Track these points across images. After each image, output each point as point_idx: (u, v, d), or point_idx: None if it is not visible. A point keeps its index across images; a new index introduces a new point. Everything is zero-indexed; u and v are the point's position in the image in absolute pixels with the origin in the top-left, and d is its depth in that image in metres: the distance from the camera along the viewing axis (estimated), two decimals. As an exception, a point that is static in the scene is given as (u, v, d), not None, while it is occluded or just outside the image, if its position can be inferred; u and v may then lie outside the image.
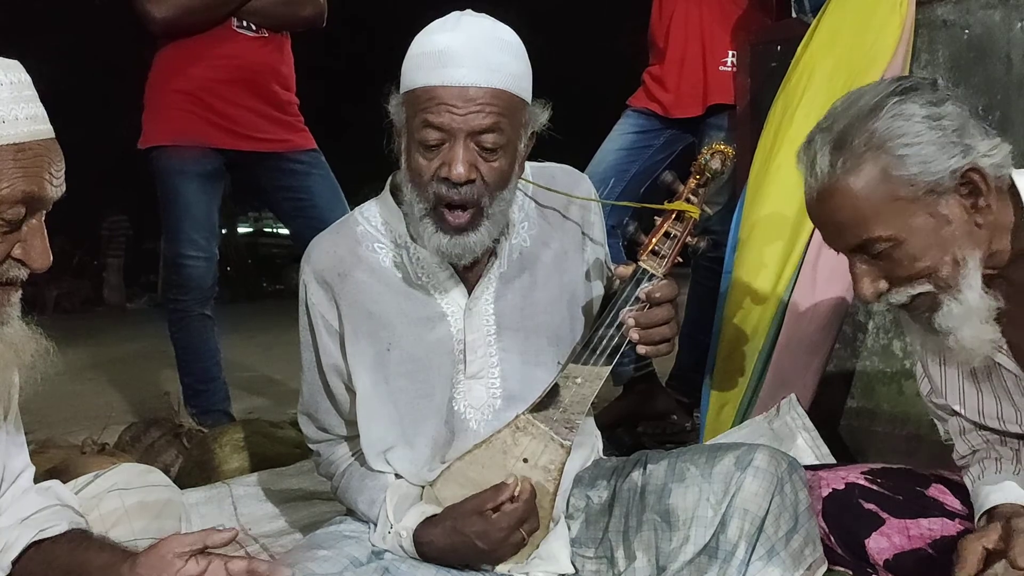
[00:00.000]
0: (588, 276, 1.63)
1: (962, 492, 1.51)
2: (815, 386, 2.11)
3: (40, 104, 1.19)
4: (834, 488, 1.59)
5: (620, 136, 2.93)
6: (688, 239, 1.52)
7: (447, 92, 1.39)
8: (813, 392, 2.11)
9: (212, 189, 3.02)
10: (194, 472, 2.53)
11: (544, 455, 1.50)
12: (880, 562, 1.53)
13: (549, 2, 10.82)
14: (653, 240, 1.51)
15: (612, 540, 1.53)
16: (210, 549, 1.26)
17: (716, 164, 1.51)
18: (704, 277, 2.82)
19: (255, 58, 2.97)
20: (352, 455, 1.67)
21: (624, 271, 1.51)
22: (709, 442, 2.02)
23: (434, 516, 1.50)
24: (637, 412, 3.02)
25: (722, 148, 1.53)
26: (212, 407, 3.03)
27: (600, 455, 1.71)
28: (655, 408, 3.04)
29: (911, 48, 2.15)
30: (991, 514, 1.37)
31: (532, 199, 1.62)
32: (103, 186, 11.01)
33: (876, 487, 1.58)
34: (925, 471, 1.63)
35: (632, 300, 1.48)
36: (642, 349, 1.48)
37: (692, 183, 1.53)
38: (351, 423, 1.63)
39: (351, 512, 1.65)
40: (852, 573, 1.58)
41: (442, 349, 1.55)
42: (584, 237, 1.63)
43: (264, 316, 8.35)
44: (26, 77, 1.18)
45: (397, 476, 1.58)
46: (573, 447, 1.52)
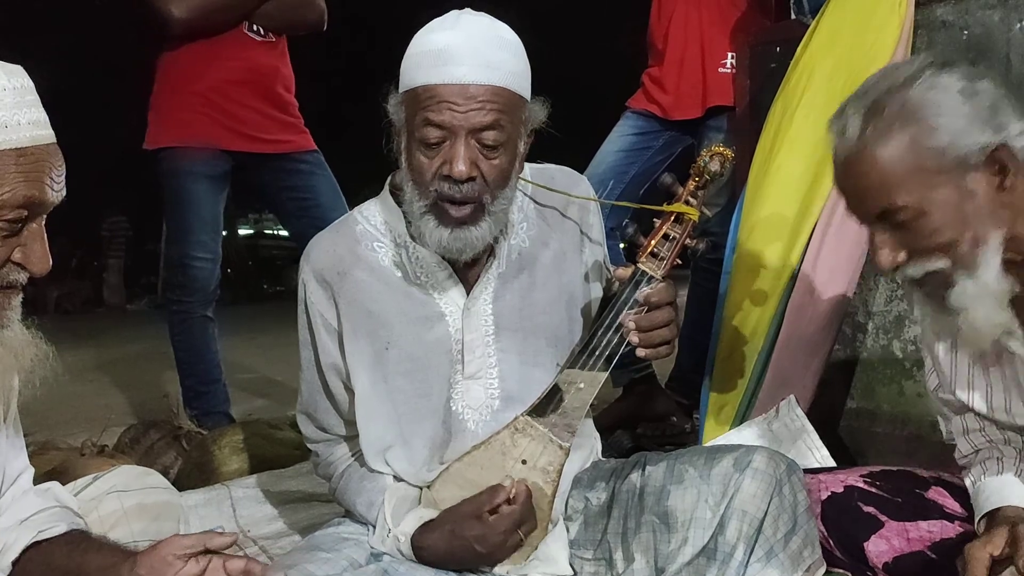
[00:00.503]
0: (587, 277, 1.63)
1: (962, 494, 1.50)
2: (814, 387, 2.10)
3: (42, 109, 1.19)
4: (833, 491, 1.59)
5: (619, 138, 2.93)
6: (687, 241, 1.52)
7: (447, 90, 1.39)
8: (812, 393, 2.10)
9: (219, 191, 3.03)
10: (193, 474, 2.53)
11: (543, 457, 1.50)
12: (879, 565, 1.52)
13: (548, 2, 10.82)
14: (652, 242, 1.51)
15: (611, 542, 1.53)
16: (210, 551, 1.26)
17: (715, 166, 1.51)
18: (703, 278, 2.82)
19: (263, 61, 3.01)
20: (351, 456, 1.67)
21: (623, 273, 1.51)
22: (708, 444, 2.02)
23: (431, 521, 1.49)
24: (636, 413, 3.01)
25: (721, 150, 1.53)
26: (213, 409, 3.03)
27: (599, 457, 1.71)
28: (654, 410, 3.04)
29: (910, 48, 2.14)
30: (992, 517, 1.36)
31: (531, 199, 1.62)
32: (103, 187, 11.02)
33: (875, 490, 1.58)
34: (924, 473, 1.62)
35: (631, 302, 1.48)
36: (642, 352, 1.47)
37: (691, 185, 1.53)
38: (350, 423, 1.62)
39: (349, 514, 1.65)
40: (851, 575, 1.58)
41: (440, 349, 1.55)
42: (583, 238, 1.63)
43: (264, 318, 8.35)
44: (28, 82, 1.18)
45: (396, 478, 1.58)
46: (572, 449, 1.52)
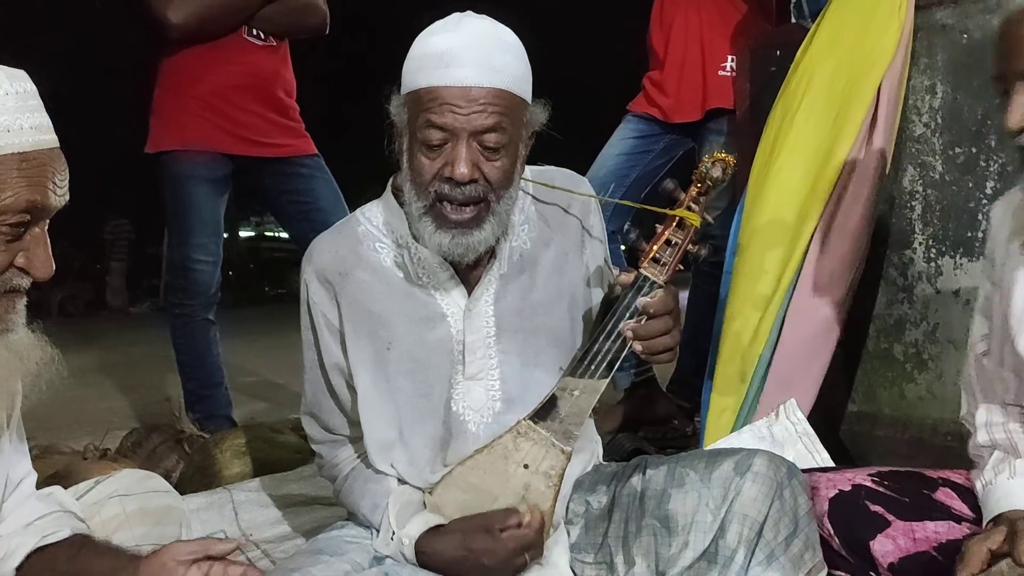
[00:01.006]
0: (588, 278, 1.63)
1: (970, 497, 1.50)
2: (816, 390, 2.10)
3: (45, 114, 1.19)
4: (840, 489, 1.58)
5: (620, 141, 2.94)
6: (689, 247, 1.51)
7: (450, 92, 1.40)
8: (814, 397, 2.10)
9: (221, 194, 3.05)
10: (195, 477, 2.53)
11: (545, 461, 1.50)
12: (885, 565, 1.51)
13: (548, 4, 10.83)
14: (654, 248, 1.50)
15: (611, 545, 1.53)
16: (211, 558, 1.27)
17: (717, 172, 1.51)
18: (704, 281, 2.83)
19: (264, 65, 3.01)
20: (356, 458, 1.67)
21: (625, 278, 1.50)
22: (709, 447, 2.02)
23: (440, 527, 1.49)
24: (638, 417, 3.02)
25: (723, 156, 1.52)
26: (215, 412, 3.03)
27: (600, 460, 1.71)
28: (655, 413, 3.05)
29: (910, 52, 2.15)
30: (998, 520, 1.36)
31: (532, 200, 1.62)
32: (105, 190, 11.03)
33: (883, 489, 1.56)
34: (933, 474, 1.61)
35: (632, 308, 1.48)
36: (644, 356, 1.47)
37: (693, 191, 1.53)
38: (354, 423, 1.63)
39: (352, 517, 1.65)
40: (851, 578, 1.58)
41: (441, 349, 1.55)
42: (584, 239, 1.63)
43: (266, 320, 8.37)
44: (32, 87, 1.18)
45: (400, 480, 1.58)
46: (573, 453, 1.51)
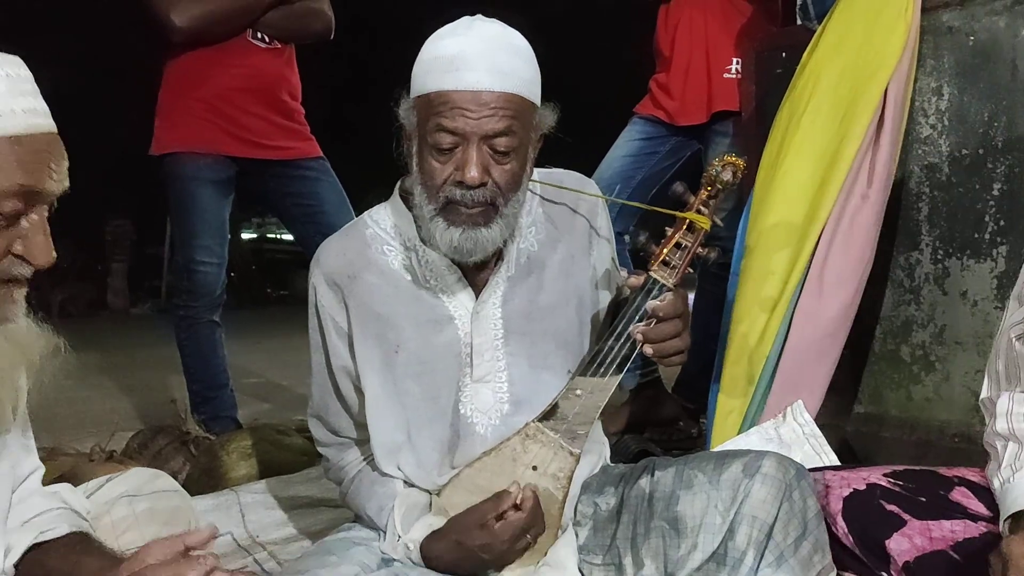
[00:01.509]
0: (595, 281, 1.63)
1: (986, 495, 1.48)
2: (823, 392, 2.10)
3: (40, 99, 1.16)
4: (855, 488, 1.57)
5: (626, 143, 2.94)
6: (699, 250, 1.51)
7: (460, 96, 1.40)
8: (821, 398, 2.10)
9: (225, 196, 3.05)
10: (201, 479, 2.53)
11: (554, 463, 1.50)
12: (900, 564, 1.50)
13: (553, 8, 10.83)
14: (664, 251, 1.50)
15: (620, 547, 1.52)
16: (193, 550, 1.18)
17: (728, 176, 1.51)
18: (711, 283, 2.83)
19: (268, 69, 3.01)
20: (362, 460, 1.67)
21: (634, 281, 1.50)
22: (716, 448, 2.02)
23: (438, 530, 1.49)
24: (643, 418, 3.02)
25: (734, 160, 1.52)
26: (220, 414, 3.03)
27: (607, 462, 1.71)
28: (661, 414, 3.05)
29: (917, 54, 2.15)
30: (1019, 518, 1.33)
31: (540, 202, 1.62)
32: (107, 190, 11.01)
33: (898, 488, 1.55)
34: (948, 473, 1.59)
35: (642, 311, 1.48)
36: (655, 358, 1.47)
37: (703, 194, 1.52)
38: (361, 426, 1.63)
39: (359, 518, 1.65)
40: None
41: (449, 352, 1.55)
42: (591, 241, 1.63)
43: (269, 322, 8.37)
44: (26, 72, 1.16)
45: (407, 483, 1.58)
46: (581, 455, 1.51)
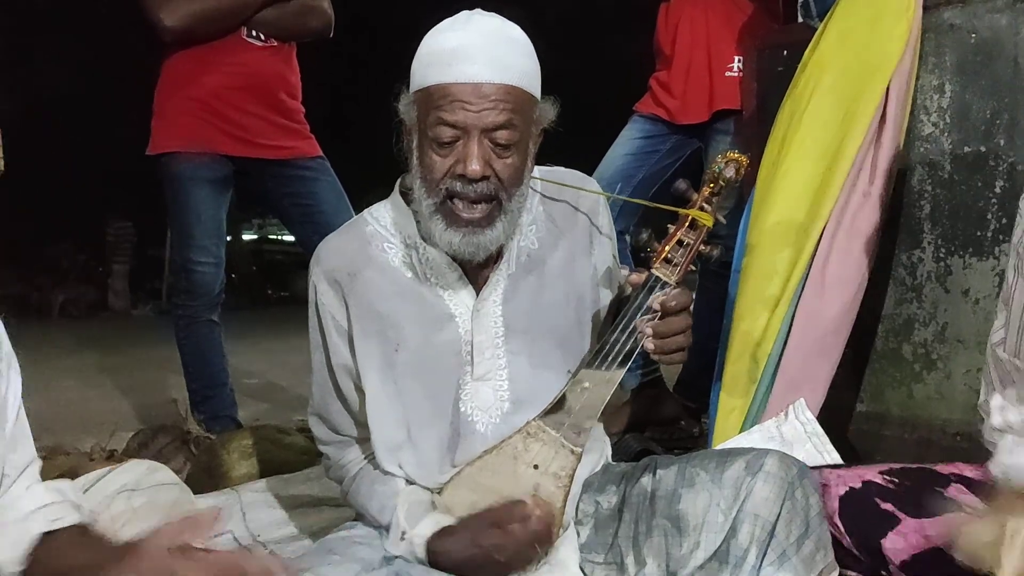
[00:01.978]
0: (596, 279, 1.63)
1: (982, 491, 1.48)
2: (825, 390, 2.10)
3: None
4: (851, 486, 1.57)
5: (627, 141, 2.94)
6: (701, 247, 1.51)
7: (461, 89, 1.40)
8: (823, 397, 2.09)
9: (222, 195, 3.04)
10: (202, 478, 2.52)
11: (555, 461, 1.49)
12: (896, 563, 1.50)
13: (553, 5, 10.84)
14: (666, 248, 1.50)
15: (622, 546, 1.52)
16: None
17: (730, 173, 1.50)
18: (712, 282, 2.82)
19: (264, 67, 3.00)
20: (363, 459, 1.67)
21: (637, 279, 1.50)
22: (718, 447, 2.02)
23: (450, 526, 1.48)
24: (644, 417, 3.01)
25: (736, 157, 1.52)
26: (220, 413, 3.03)
27: (609, 460, 1.70)
28: (662, 413, 3.04)
29: (918, 52, 2.15)
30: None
31: (540, 200, 1.62)
32: (108, 192, 11.02)
33: (893, 486, 1.56)
34: (944, 470, 1.60)
35: (645, 308, 1.48)
36: (655, 356, 1.47)
37: (706, 191, 1.52)
38: (362, 424, 1.62)
39: (361, 517, 1.65)
40: (862, 579, 1.57)
41: (450, 350, 1.54)
42: (592, 239, 1.63)
43: (269, 323, 8.35)
44: None
45: (408, 481, 1.58)
46: (583, 453, 1.51)
